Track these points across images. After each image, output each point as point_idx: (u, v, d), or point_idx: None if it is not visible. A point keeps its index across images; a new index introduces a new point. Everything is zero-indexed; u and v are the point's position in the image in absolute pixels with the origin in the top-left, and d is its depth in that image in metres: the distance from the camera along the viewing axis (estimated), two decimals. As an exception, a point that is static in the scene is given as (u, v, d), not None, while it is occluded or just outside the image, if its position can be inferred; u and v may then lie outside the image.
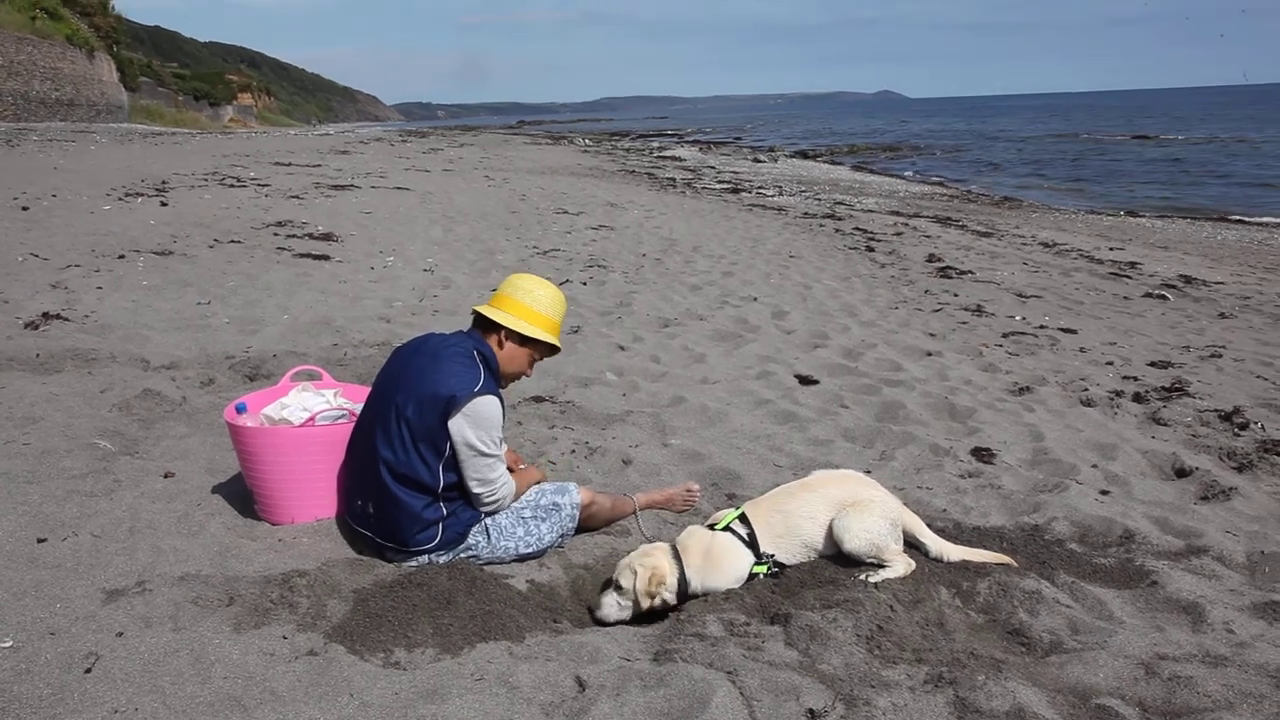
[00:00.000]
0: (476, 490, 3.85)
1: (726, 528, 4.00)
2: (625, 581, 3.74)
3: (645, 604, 3.72)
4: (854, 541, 3.89)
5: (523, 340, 3.95)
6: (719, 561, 3.89)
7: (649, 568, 3.73)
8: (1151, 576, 3.95)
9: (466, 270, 10.84)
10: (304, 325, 7.75)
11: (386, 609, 3.34)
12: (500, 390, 3.90)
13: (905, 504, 4.24)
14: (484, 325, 3.98)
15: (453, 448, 3.76)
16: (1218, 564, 4.09)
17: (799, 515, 4.02)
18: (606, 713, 2.82)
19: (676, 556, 3.85)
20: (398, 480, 3.75)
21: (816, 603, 3.55)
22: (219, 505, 4.22)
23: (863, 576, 3.81)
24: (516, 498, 4.04)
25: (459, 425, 3.72)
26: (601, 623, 3.73)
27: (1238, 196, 26.71)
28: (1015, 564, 4.04)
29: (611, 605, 3.75)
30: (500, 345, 3.95)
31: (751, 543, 3.96)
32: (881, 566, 3.87)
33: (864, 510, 3.95)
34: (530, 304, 3.95)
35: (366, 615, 3.32)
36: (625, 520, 4.49)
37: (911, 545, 4.07)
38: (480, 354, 3.88)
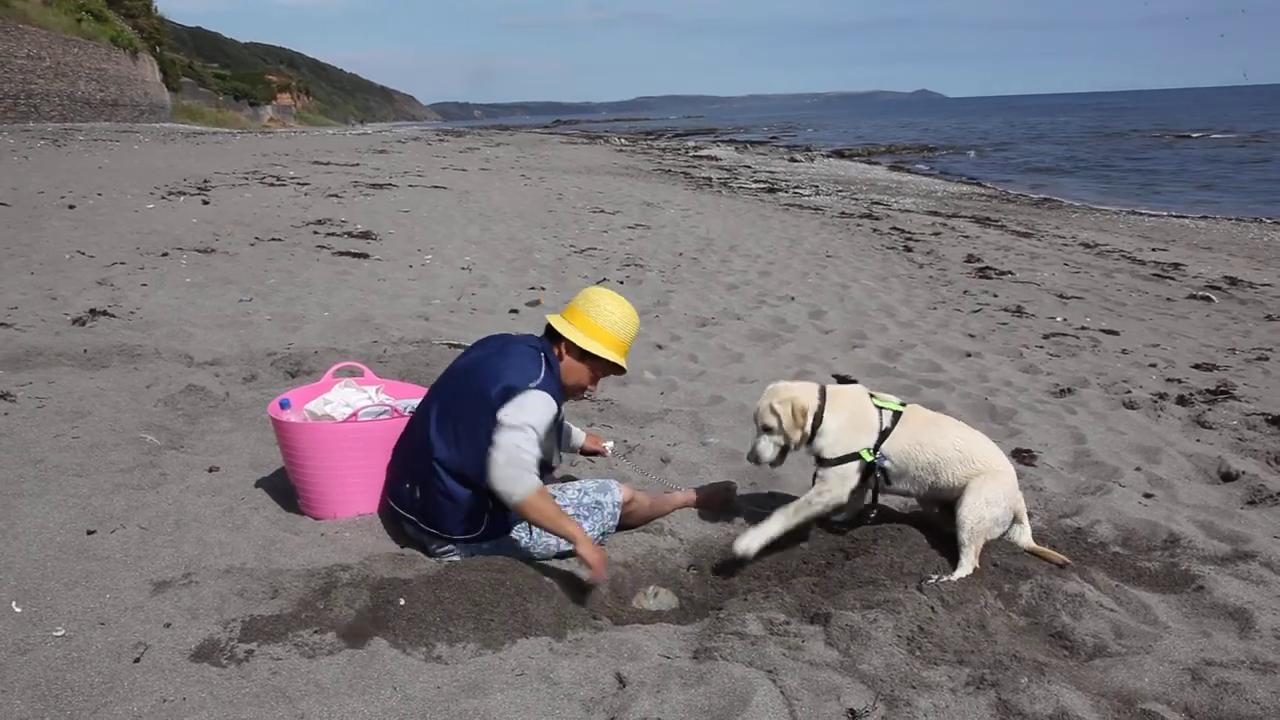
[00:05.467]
0: (491, 452, 3.57)
1: (879, 407, 4.12)
2: (770, 421, 4.03)
3: (796, 436, 4.00)
4: (974, 510, 3.88)
5: (582, 355, 3.92)
6: (859, 425, 4.06)
7: (787, 400, 4.00)
8: (1197, 581, 3.89)
9: (504, 269, 10.89)
10: (344, 322, 7.82)
11: (428, 603, 3.36)
12: (559, 395, 3.84)
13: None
14: (552, 334, 3.98)
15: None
16: (1266, 569, 4.01)
17: (948, 439, 4.07)
18: (647, 709, 2.83)
19: (822, 395, 4.06)
20: (448, 470, 3.77)
21: (857, 603, 3.53)
22: (262, 499, 4.28)
23: (932, 579, 3.74)
24: (540, 518, 3.59)
25: (505, 406, 3.67)
26: (759, 462, 4.12)
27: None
28: (1072, 564, 3.99)
29: (766, 445, 4.09)
30: (561, 356, 3.93)
31: (883, 435, 4.07)
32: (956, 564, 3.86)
33: (993, 482, 3.96)
34: (595, 318, 3.92)
35: (408, 609, 3.34)
36: (662, 519, 4.49)
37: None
38: (545, 357, 3.87)
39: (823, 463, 4.14)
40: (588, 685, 2.98)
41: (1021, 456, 5.46)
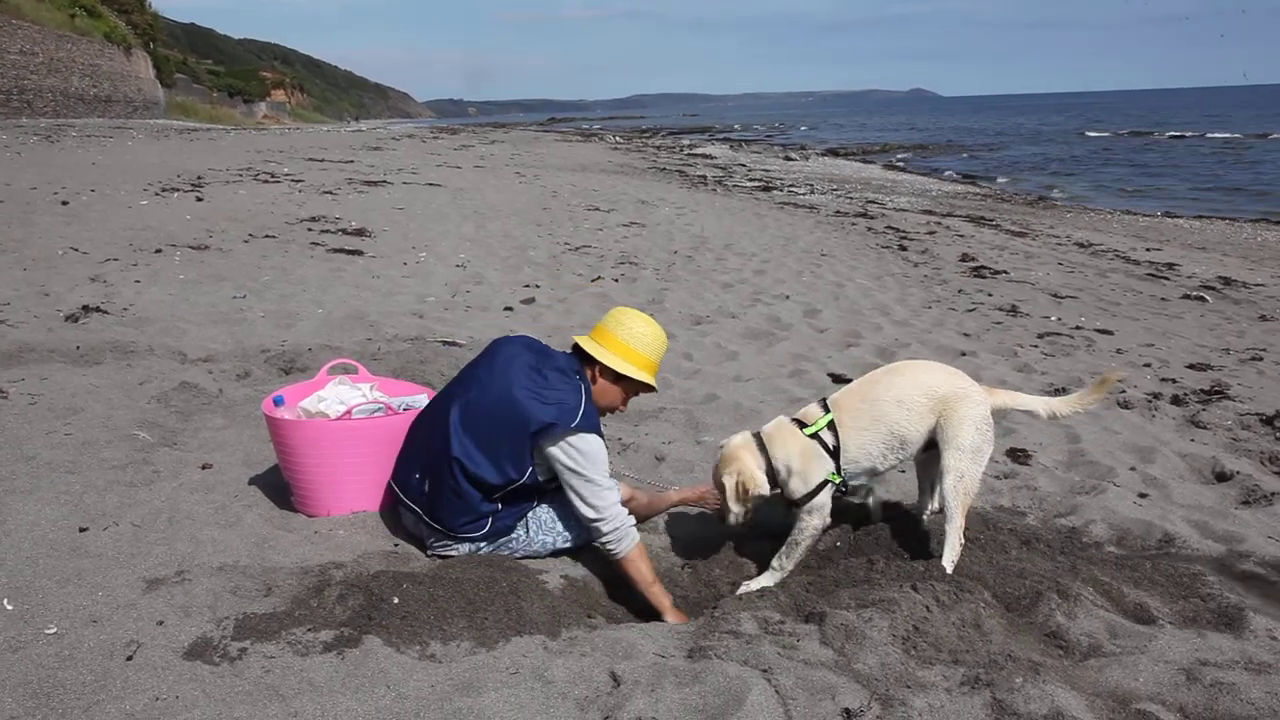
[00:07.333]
0: (586, 514, 3.75)
1: (815, 435, 3.99)
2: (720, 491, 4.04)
3: (738, 509, 4.00)
4: (954, 469, 3.87)
5: (616, 377, 3.89)
6: (809, 465, 3.97)
7: (734, 474, 3.96)
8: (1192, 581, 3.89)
9: (499, 266, 10.88)
10: (338, 319, 7.80)
11: (423, 602, 3.35)
12: (599, 426, 3.81)
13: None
14: (582, 356, 3.92)
15: (539, 466, 3.78)
16: (1260, 569, 4.02)
17: (885, 401, 3.95)
18: (641, 708, 2.82)
19: (762, 447, 4.00)
20: (465, 474, 3.72)
21: (852, 602, 3.53)
22: (256, 497, 4.26)
23: (945, 563, 3.80)
24: (636, 575, 3.78)
25: (561, 453, 3.70)
26: (731, 526, 4.12)
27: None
28: (1119, 376, 4.11)
29: (730, 517, 4.06)
30: (594, 379, 3.89)
31: (834, 452, 3.97)
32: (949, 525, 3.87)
33: (964, 424, 3.92)
34: (628, 340, 3.88)
35: (403, 608, 3.33)
36: (657, 517, 4.49)
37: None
38: (583, 383, 3.82)
39: (795, 504, 4.02)
40: (582, 684, 2.97)
41: (1016, 456, 5.46)
